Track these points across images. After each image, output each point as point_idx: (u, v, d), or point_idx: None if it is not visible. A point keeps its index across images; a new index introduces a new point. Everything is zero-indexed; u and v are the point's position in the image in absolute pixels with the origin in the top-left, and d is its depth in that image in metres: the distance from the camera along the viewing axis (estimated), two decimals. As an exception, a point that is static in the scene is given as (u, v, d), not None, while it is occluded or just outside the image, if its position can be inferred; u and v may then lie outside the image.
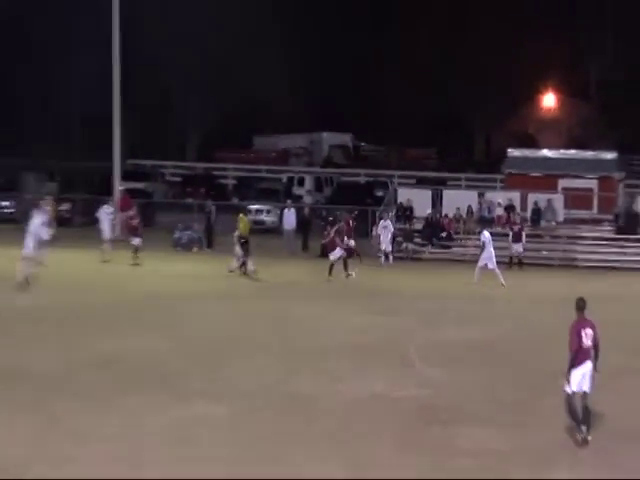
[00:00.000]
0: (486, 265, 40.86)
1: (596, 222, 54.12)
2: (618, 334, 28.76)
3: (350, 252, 43.27)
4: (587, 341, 17.42)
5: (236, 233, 40.18)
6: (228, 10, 72.67)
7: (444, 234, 53.19)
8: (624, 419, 19.40)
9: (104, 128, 58.74)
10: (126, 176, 59.16)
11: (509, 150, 60.53)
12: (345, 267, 40.57)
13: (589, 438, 17.41)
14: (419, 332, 28.18)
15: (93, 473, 15.18)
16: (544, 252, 50.68)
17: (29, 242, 35.19)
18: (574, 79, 78.84)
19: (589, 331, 17.49)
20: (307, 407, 19.52)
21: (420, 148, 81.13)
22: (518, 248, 47.78)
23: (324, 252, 48.06)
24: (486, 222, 52.79)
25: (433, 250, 52.00)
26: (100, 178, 60.38)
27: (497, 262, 41.26)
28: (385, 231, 47.96)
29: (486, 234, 42.29)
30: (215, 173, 72.86)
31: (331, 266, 40.27)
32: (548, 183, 55.08)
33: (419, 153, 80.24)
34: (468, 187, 61.43)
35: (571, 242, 51.92)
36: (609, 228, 53.09)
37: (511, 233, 48.01)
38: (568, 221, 54.11)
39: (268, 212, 58.62)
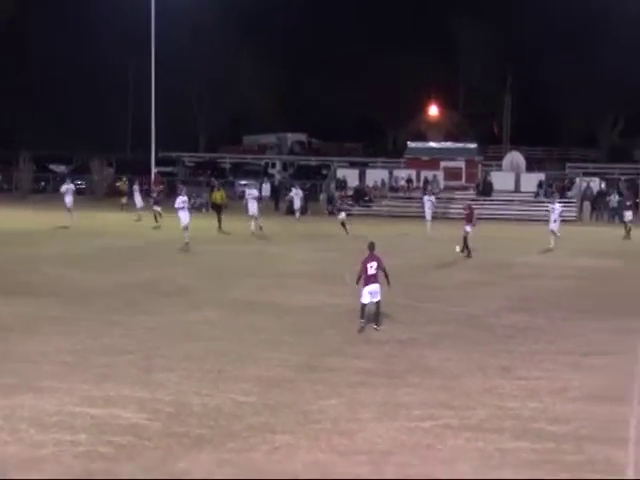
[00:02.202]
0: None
1: (464, 188, 54.75)
2: (472, 259, 29.29)
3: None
4: (372, 270, 17.21)
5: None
6: (227, 48, 72.17)
7: (367, 198, 53.50)
8: (478, 315, 19.75)
9: (144, 130, 58.43)
10: (158, 162, 58.77)
11: (408, 142, 61.18)
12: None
13: (375, 327, 17.45)
14: (349, 262, 28.23)
15: (135, 347, 15.25)
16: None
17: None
18: (449, 96, 79.40)
19: (374, 263, 17.23)
20: (275, 310, 19.62)
21: (351, 142, 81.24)
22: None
23: (289, 211, 47.98)
24: (394, 190, 53.08)
25: (359, 208, 52.29)
26: (141, 164, 59.93)
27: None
28: (297, 197, 47.28)
29: (431, 198, 43.14)
30: (217, 160, 72.58)
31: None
32: (433, 164, 55.76)
33: (351, 146, 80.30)
34: (382, 167, 61.59)
35: (448, 202, 52.27)
36: (472, 192, 53.60)
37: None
38: (447, 188, 54.61)
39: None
